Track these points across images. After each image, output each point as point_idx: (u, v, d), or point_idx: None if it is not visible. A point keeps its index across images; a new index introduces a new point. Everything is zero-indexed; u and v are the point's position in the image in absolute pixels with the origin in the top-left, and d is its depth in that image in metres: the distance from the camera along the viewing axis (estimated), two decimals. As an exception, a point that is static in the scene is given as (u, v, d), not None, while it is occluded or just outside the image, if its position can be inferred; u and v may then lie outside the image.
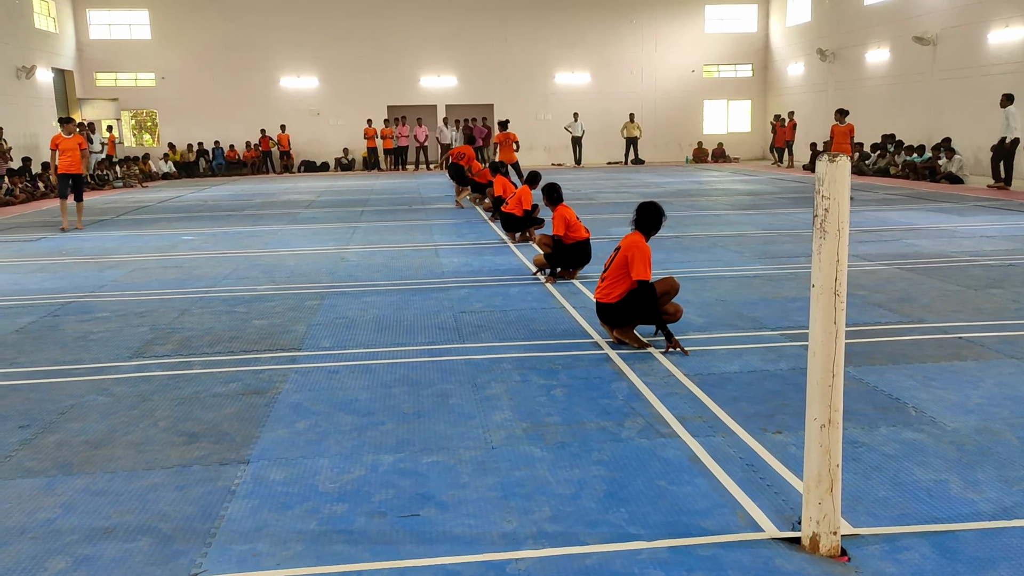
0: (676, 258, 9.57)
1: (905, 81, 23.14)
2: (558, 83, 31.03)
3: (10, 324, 7.06)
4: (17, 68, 23.82)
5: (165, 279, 9.04)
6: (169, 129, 29.70)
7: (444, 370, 5.51)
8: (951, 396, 4.81)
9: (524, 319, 6.86)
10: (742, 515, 3.44)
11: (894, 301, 7.23)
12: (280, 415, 4.72)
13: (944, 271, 8.52)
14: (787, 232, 11.63)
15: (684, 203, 15.88)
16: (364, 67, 29.85)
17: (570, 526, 3.37)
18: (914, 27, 22.30)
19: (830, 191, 2.93)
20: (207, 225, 14.11)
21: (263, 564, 3.13)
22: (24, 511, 3.60)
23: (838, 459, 3.08)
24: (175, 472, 3.97)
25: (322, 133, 30.17)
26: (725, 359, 5.62)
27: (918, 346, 5.85)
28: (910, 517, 3.40)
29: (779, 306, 7.13)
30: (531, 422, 4.53)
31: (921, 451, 4.05)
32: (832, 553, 3.10)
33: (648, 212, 5.96)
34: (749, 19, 31.63)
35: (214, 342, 6.33)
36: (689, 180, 22.02)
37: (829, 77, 27.25)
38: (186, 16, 28.99)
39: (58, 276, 9.38)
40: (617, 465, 3.95)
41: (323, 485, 3.80)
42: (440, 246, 11.08)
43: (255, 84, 29.59)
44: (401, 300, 7.71)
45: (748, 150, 31.65)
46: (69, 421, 4.69)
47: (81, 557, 3.21)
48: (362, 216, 14.97)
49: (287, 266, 9.74)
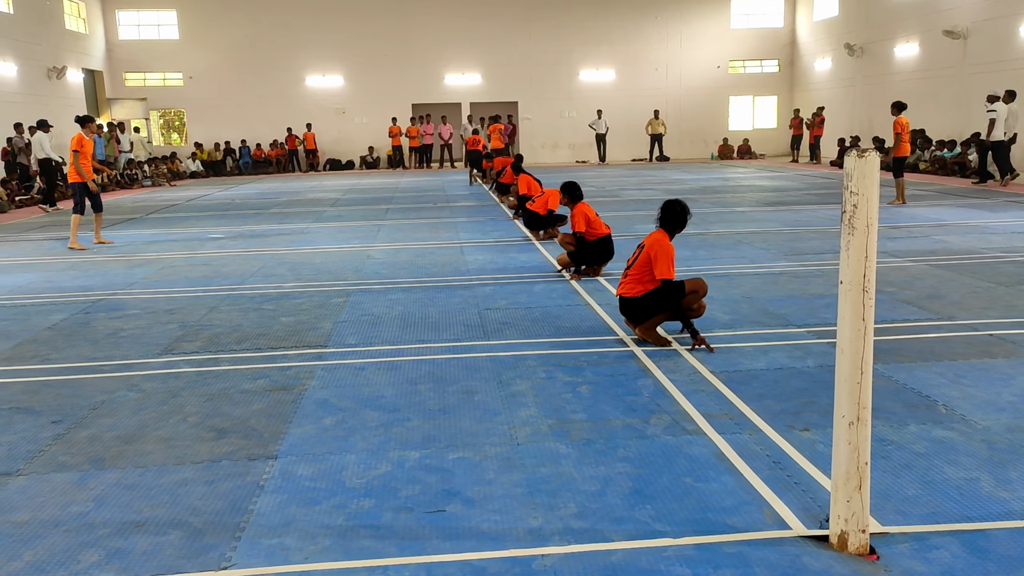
0: (701, 255, 9.52)
1: (935, 75, 22.82)
2: (582, 80, 30.97)
3: (43, 321, 7.17)
4: (48, 69, 24.18)
5: (193, 277, 9.15)
6: (197, 128, 30.01)
7: (469, 367, 5.52)
8: (982, 394, 4.75)
9: (549, 316, 6.86)
10: (769, 512, 3.42)
11: (923, 298, 7.15)
12: (307, 411, 4.76)
13: (974, 267, 8.40)
14: (814, 229, 11.53)
15: (709, 200, 15.78)
16: (389, 65, 29.97)
17: (595, 522, 3.37)
18: (944, 20, 21.99)
19: (858, 187, 2.90)
20: (234, 223, 14.24)
21: (291, 558, 3.16)
22: (58, 505, 3.66)
23: (867, 457, 3.05)
24: (204, 467, 4.02)
25: (347, 131, 30.35)
26: (751, 356, 5.58)
27: (948, 343, 5.78)
28: (940, 516, 3.36)
29: (806, 303, 7.07)
30: (556, 419, 4.53)
31: (951, 449, 4.00)
32: (861, 551, 3.07)
33: (673, 211, 5.93)
34: (775, 14, 31.35)
35: (242, 339, 6.40)
36: (714, 177, 21.89)
37: (857, 72, 26.95)
38: (214, 16, 29.28)
39: (89, 274, 9.51)
40: (643, 462, 3.94)
41: (350, 481, 3.83)
42: (465, 243, 11.11)
43: (281, 83, 29.83)
44: (426, 297, 7.74)
45: (774, 146, 31.38)
46: (101, 416, 4.77)
47: (113, 550, 3.26)
48: (387, 214, 15.04)
49: (313, 264, 9.81)
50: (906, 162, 14.64)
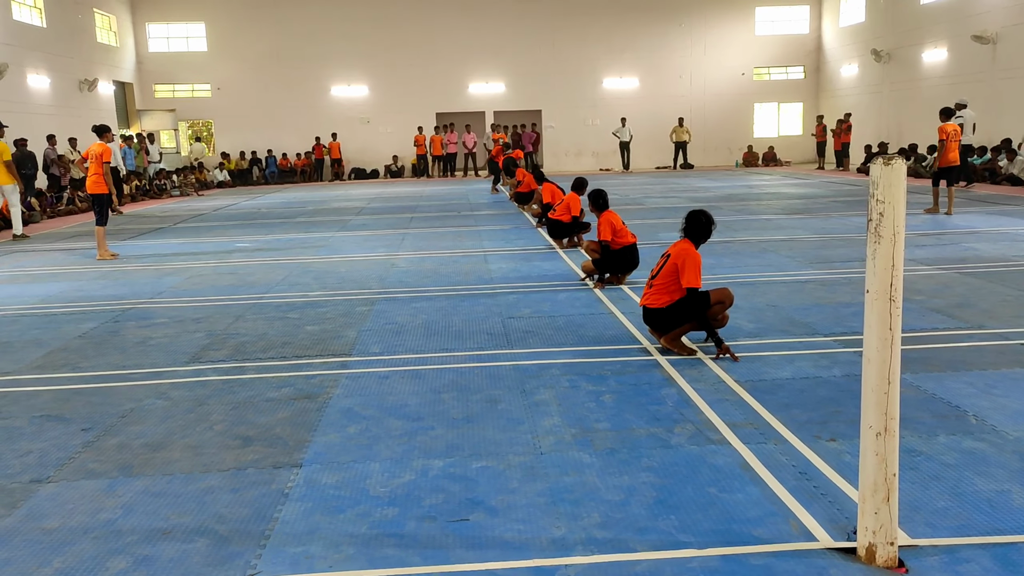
0: (726, 263, 9.47)
1: (964, 81, 22.55)
2: (606, 88, 30.96)
3: (74, 330, 7.28)
4: (80, 81, 24.58)
5: (220, 285, 9.24)
6: (224, 139, 30.37)
7: (493, 376, 5.53)
8: (1013, 404, 4.67)
9: (572, 325, 6.85)
10: (795, 524, 3.38)
11: (953, 306, 7.05)
12: (331, 420, 4.78)
13: (1005, 275, 8.27)
14: (841, 236, 11.42)
15: (734, 207, 15.69)
16: (413, 75, 30.16)
17: (619, 533, 3.36)
18: (973, 26, 21.73)
19: (885, 195, 2.87)
20: (261, 232, 14.38)
21: (316, 566, 3.18)
22: (87, 512, 3.71)
23: (895, 468, 3.01)
24: (230, 475, 4.06)
25: (372, 141, 30.55)
26: (777, 365, 5.54)
27: (978, 352, 5.69)
28: (971, 528, 3.31)
29: (832, 311, 7.01)
30: (580, 428, 4.52)
31: (982, 460, 3.94)
32: (889, 564, 3.03)
33: (698, 221, 5.89)
34: (801, 20, 31.16)
35: (267, 347, 6.45)
36: (739, 184, 21.76)
37: (884, 78, 26.71)
38: (241, 28, 29.65)
39: (119, 283, 9.64)
40: (667, 472, 3.92)
41: (374, 489, 3.84)
42: (489, 252, 11.13)
43: (307, 93, 30.11)
44: (450, 306, 7.76)
45: (800, 153, 31.16)
46: (129, 424, 4.82)
47: (141, 557, 3.29)
48: (411, 223, 15.10)
49: (338, 272, 9.88)
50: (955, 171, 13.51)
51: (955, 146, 13.43)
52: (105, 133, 12.04)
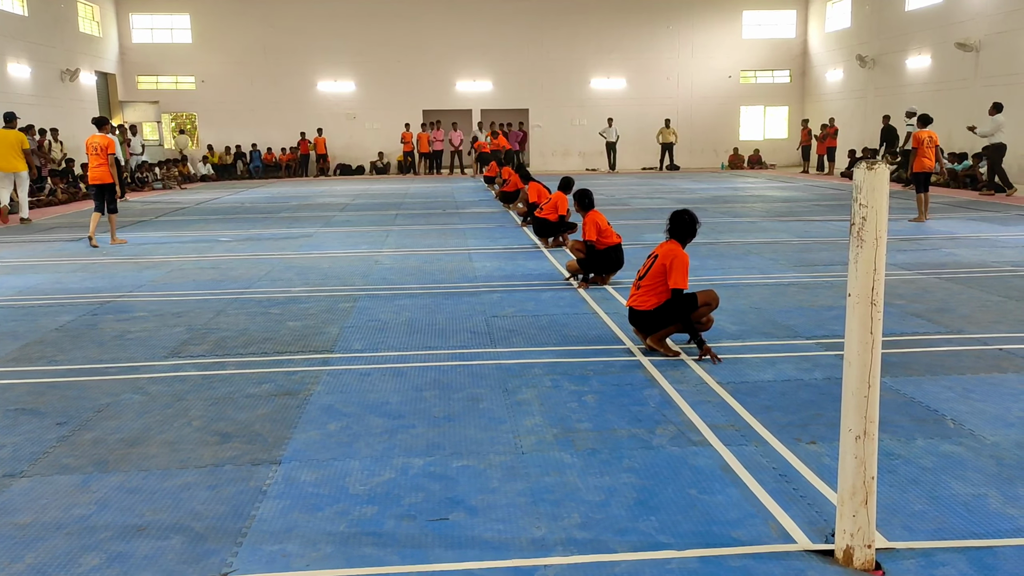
0: (710, 265, 9.50)
1: (947, 88, 22.75)
2: (594, 88, 30.99)
3: (50, 322, 7.19)
4: (62, 71, 24.34)
5: (202, 280, 9.17)
6: (208, 132, 30.15)
7: (475, 374, 5.51)
8: (991, 409, 4.71)
9: (556, 324, 6.85)
10: (774, 526, 3.39)
11: (932, 311, 7.10)
12: (312, 417, 4.75)
13: (984, 281, 8.35)
14: (823, 240, 11.48)
15: (719, 210, 15.75)
16: (400, 72, 30.06)
17: (599, 533, 3.35)
18: (957, 33, 21.92)
19: (868, 199, 2.88)
20: (243, 227, 14.28)
21: (292, 565, 3.15)
22: (60, 507, 3.66)
23: (873, 471, 3.02)
24: (208, 471, 4.02)
25: (358, 137, 30.44)
26: (758, 367, 5.55)
27: (957, 357, 5.73)
28: (947, 532, 3.33)
29: (814, 314, 7.04)
30: (562, 428, 4.51)
31: (959, 464, 3.97)
32: (866, 567, 3.04)
33: (681, 220, 5.90)
34: (787, 25, 31.32)
35: (248, 343, 6.40)
36: (724, 186, 21.85)
37: (869, 83, 26.90)
38: (226, 21, 29.44)
39: (98, 276, 9.55)
40: (648, 473, 3.92)
41: (353, 487, 3.81)
42: (473, 250, 11.11)
43: (293, 88, 29.96)
44: (433, 304, 7.73)
45: (785, 156, 31.32)
46: (105, 419, 4.77)
47: (114, 554, 3.25)
48: (396, 220, 15.06)
49: (321, 268, 9.83)
50: (929, 177, 13.61)
51: (931, 152, 13.61)
52: (104, 125, 12.51)
